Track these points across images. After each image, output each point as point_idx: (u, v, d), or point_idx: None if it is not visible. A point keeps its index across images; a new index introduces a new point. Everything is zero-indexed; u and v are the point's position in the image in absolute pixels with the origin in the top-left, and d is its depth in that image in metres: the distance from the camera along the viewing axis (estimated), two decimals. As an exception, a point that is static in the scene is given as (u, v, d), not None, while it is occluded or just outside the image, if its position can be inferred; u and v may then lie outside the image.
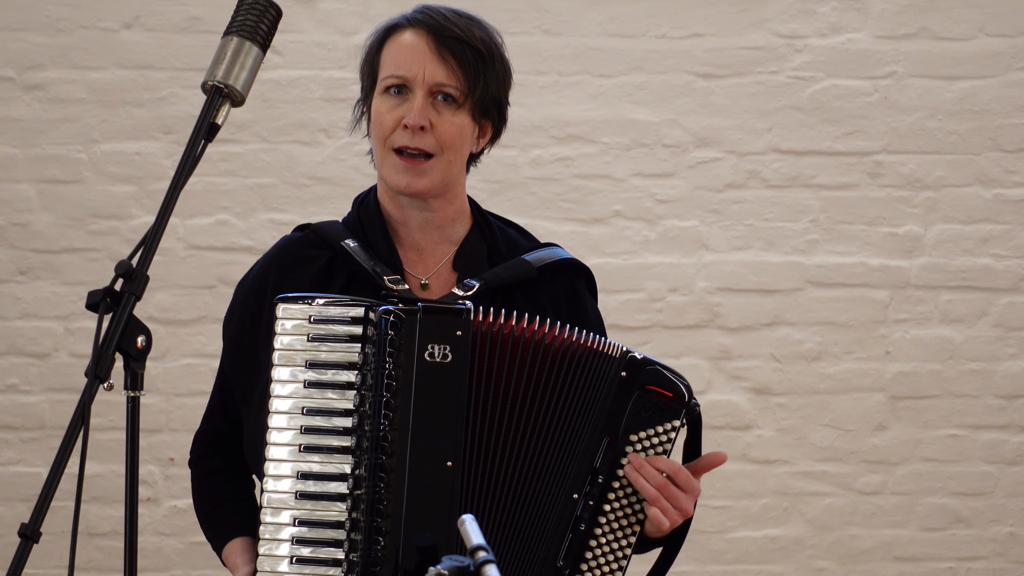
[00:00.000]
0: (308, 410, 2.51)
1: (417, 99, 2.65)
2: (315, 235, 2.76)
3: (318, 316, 2.51)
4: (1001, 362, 5.02)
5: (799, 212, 5.00)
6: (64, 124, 4.90)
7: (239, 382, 2.73)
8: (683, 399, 2.54)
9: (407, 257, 2.74)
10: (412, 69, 2.65)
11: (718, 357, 4.99)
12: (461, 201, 2.77)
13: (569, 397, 2.55)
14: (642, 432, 2.53)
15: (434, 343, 2.49)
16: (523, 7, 4.96)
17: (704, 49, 4.99)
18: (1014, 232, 5.02)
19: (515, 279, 2.72)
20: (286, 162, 4.91)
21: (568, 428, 2.54)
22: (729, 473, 4.98)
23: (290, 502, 2.50)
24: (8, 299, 4.90)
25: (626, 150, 4.98)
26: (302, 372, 2.51)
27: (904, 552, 5.01)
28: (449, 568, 1.96)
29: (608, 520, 2.54)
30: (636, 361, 2.54)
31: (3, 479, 4.90)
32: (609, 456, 2.53)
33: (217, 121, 2.29)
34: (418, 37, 2.67)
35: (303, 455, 2.50)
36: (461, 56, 2.67)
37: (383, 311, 2.49)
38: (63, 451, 2.12)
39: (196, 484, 2.85)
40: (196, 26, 4.91)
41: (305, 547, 2.49)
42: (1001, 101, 5.02)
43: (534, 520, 2.53)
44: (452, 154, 2.68)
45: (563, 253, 2.82)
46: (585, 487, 2.53)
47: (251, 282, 2.77)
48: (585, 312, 2.77)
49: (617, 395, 2.53)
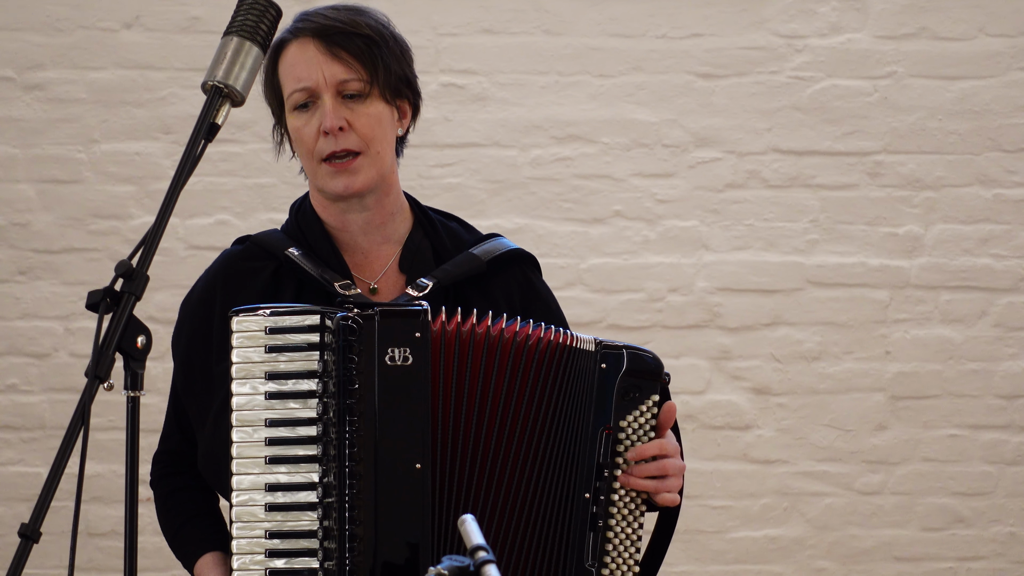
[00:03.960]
0: (271, 421, 2.49)
1: (327, 103, 2.63)
2: (256, 246, 2.75)
3: (274, 327, 2.49)
4: (1001, 362, 5.02)
5: (799, 212, 5.00)
6: (64, 124, 4.90)
7: (193, 400, 2.72)
8: (658, 374, 2.57)
9: (352, 262, 2.72)
10: (312, 77, 2.64)
11: (718, 357, 4.99)
12: (397, 193, 2.75)
13: (557, 396, 2.55)
14: (630, 416, 2.55)
15: (394, 346, 2.48)
16: (523, 7, 4.96)
17: (704, 49, 4.99)
18: (1014, 232, 5.02)
19: (466, 274, 2.70)
20: (286, 162, 4.91)
21: (564, 427, 2.54)
22: (729, 473, 4.98)
23: (260, 515, 2.48)
24: (8, 299, 4.90)
25: (626, 150, 4.98)
26: (262, 384, 2.49)
27: (904, 552, 5.00)
28: (449, 568, 1.96)
29: (619, 509, 2.55)
30: (611, 351, 2.56)
31: (3, 479, 4.90)
32: (609, 448, 2.54)
33: (217, 121, 2.29)
34: (305, 45, 2.65)
35: (269, 467, 2.48)
36: (352, 48, 2.64)
37: (340, 317, 2.47)
38: (63, 451, 2.11)
39: (160, 504, 2.83)
40: (196, 26, 4.91)
41: (279, 559, 2.48)
42: (1001, 101, 5.02)
43: (549, 524, 2.53)
44: (378, 145, 2.66)
45: (508, 243, 2.78)
46: (595, 484, 2.54)
47: (197, 299, 2.76)
48: (540, 298, 2.77)
49: (601, 387, 2.55)
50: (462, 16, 4.96)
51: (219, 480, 2.56)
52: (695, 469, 4.98)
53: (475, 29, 4.96)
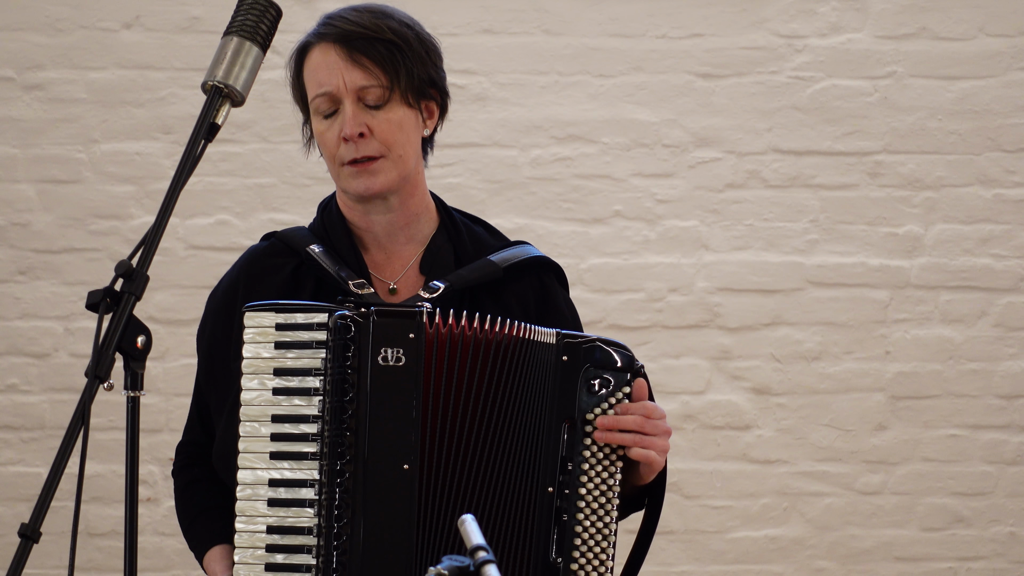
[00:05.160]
0: (276, 417, 2.51)
1: (347, 109, 2.64)
2: (281, 243, 2.76)
3: (283, 323, 2.52)
4: (1001, 362, 5.02)
5: (799, 212, 5.00)
6: (64, 124, 4.90)
7: (213, 393, 2.74)
8: (628, 365, 2.54)
9: (374, 262, 2.74)
10: (332, 83, 2.65)
11: (718, 357, 4.99)
12: (422, 193, 2.76)
13: (517, 391, 2.54)
14: (597, 408, 2.53)
15: (387, 347, 2.49)
16: (523, 7, 4.96)
17: (704, 49, 4.99)
18: (1014, 232, 5.02)
19: (480, 280, 2.70)
20: (286, 162, 4.91)
21: (526, 422, 2.54)
22: (729, 473, 4.98)
23: (262, 509, 2.51)
24: (8, 299, 4.90)
25: (626, 150, 4.98)
26: (269, 379, 2.52)
27: (904, 552, 5.00)
28: (449, 568, 1.96)
29: (588, 503, 2.53)
30: (573, 342, 2.54)
31: (3, 479, 4.90)
32: (572, 441, 2.53)
33: (217, 121, 2.29)
34: (327, 51, 2.67)
35: (273, 462, 2.51)
36: (374, 55, 2.65)
37: (339, 316, 2.49)
38: (63, 451, 2.11)
39: (178, 495, 2.87)
40: (196, 26, 4.91)
41: (279, 554, 2.50)
42: (1001, 101, 5.02)
43: (516, 520, 2.53)
44: (400, 149, 2.66)
45: (532, 251, 2.80)
46: (558, 477, 2.53)
47: (221, 294, 2.78)
48: (557, 307, 2.77)
49: (563, 379, 2.53)
50: (462, 16, 4.96)
51: (230, 473, 2.57)
52: (695, 469, 4.98)
53: (475, 29, 4.96)
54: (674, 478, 4.96)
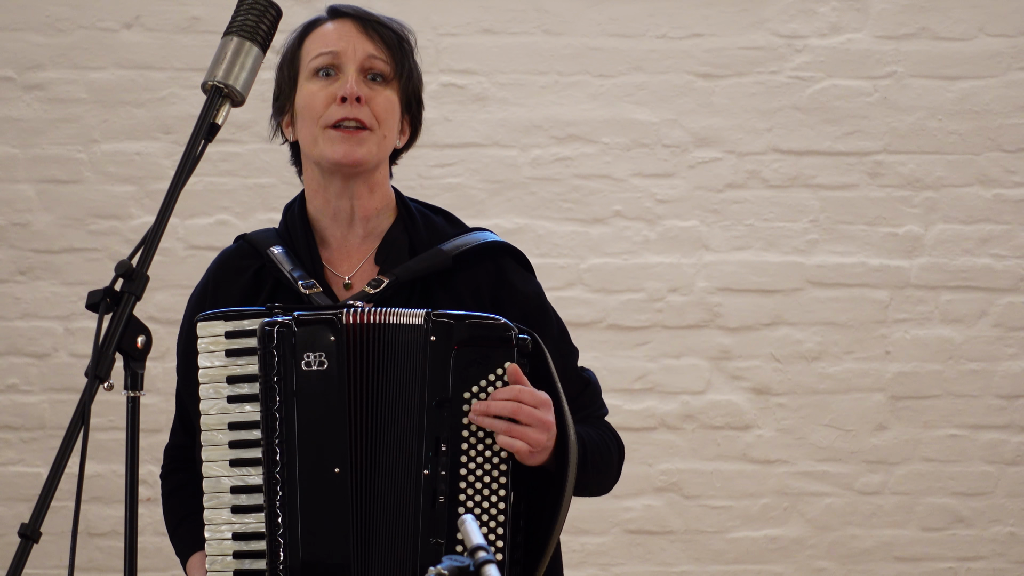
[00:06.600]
0: (233, 424, 2.53)
1: (350, 74, 2.66)
2: (248, 245, 2.77)
3: (232, 331, 2.54)
4: (1001, 362, 5.02)
5: (799, 212, 5.00)
6: (64, 124, 4.90)
7: (189, 399, 2.74)
8: (506, 341, 2.49)
9: (333, 257, 2.72)
10: (340, 46, 2.67)
11: (718, 357, 4.99)
12: (385, 190, 2.74)
13: (395, 377, 2.52)
14: (475, 387, 2.49)
15: (309, 352, 2.50)
16: (523, 7, 4.96)
17: (704, 49, 4.99)
18: (1014, 232, 5.02)
19: (429, 270, 2.67)
20: (286, 162, 4.90)
21: (405, 408, 2.51)
22: (729, 473, 4.98)
23: (227, 516, 2.54)
24: (8, 299, 4.90)
25: (626, 150, 4.98)
26: (224, 387, 2.54)
27: (904, 552, 5.00)
28: (449, 568, 1.96)
29: (470, 483, 2.49)
30: (441, 321, 2.50)
31: (3, 479, 4.90)
32: (448, 421, 2.49)
33: (217, 121, 2.29)
34: (342, 23, 2.70)
35: (233, 469, 2.53)
36: (387, 37, 2.69)
37: (265, 323, 2.50)
38: (63, 451, 2.11)
39: (164, 500, 2.89)
40: (196, 26, 4.91)
41: (247, 559, 2.52)
42: (1001, 101, 5.02)
43: (402, 508, 2.51)
44: (386, 129, 2.67)
45: (487, 237, 2.74)
46: (431, 459, 2.49)
47: (195, 298, 2.79)
48: (514, 290, 2.70)
49: (434, 360, 2.50)
50: (462, 16, 4.96)
51: None
52: (695, 469, 4.98)
53: (475, 29, 4.96)
54: (674, 478, 4.96)
